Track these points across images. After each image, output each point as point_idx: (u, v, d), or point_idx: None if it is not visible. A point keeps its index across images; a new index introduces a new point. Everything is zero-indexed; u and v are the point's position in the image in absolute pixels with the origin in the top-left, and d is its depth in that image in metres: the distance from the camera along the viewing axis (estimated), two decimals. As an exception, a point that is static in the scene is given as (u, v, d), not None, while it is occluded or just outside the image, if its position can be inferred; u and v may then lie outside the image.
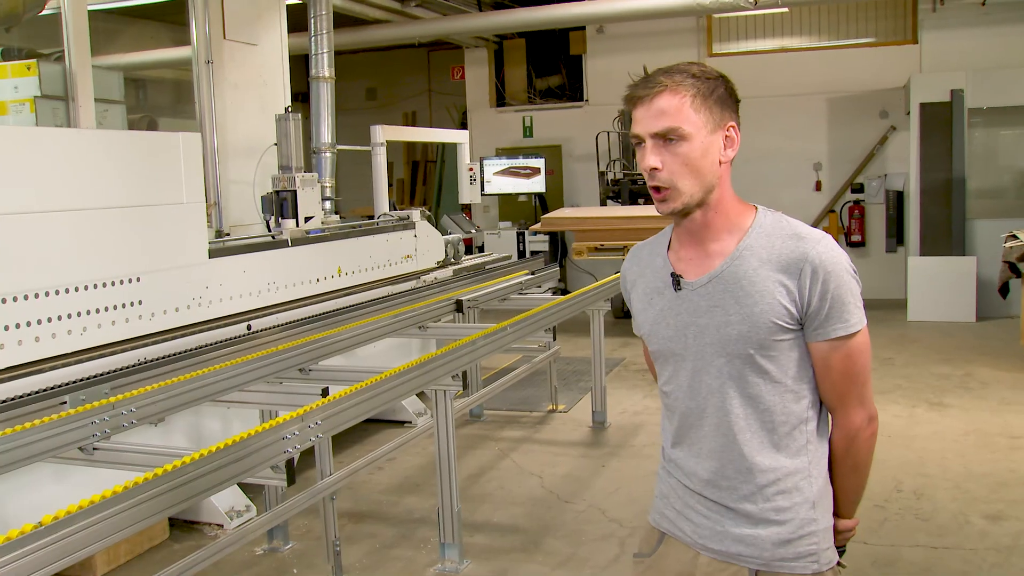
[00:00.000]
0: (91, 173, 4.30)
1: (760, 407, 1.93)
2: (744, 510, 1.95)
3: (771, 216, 1.97)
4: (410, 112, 16.69)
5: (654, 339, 2.06)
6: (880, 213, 11.74)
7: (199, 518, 4.89)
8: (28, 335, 3.94)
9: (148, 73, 11.35)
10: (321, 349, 4.55)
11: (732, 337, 1.91)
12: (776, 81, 11.85)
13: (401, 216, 7.17)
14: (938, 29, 11.25)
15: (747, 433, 1.93)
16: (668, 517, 2.09)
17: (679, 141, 1.87)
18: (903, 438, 6.05)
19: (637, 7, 10.38)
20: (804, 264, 1.86)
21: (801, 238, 1.90)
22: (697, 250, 1.98)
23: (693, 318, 1.96)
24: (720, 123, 1.90)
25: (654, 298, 2.05)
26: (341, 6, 9.94)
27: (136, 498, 2.45)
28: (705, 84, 1.89)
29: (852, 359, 1.92)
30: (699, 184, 1.89)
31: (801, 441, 1.95)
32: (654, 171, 1.89)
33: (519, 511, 5.06)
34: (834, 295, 1.86)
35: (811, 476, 1.96)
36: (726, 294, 1.92)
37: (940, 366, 8.08)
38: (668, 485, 2.10)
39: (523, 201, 12.83)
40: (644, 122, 1.89)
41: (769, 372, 1.92)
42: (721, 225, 1.95)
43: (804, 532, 1.94)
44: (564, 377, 8.01)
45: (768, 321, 1.88)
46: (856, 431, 1.98)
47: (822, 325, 1.88)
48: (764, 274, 1.89)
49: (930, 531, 4.61)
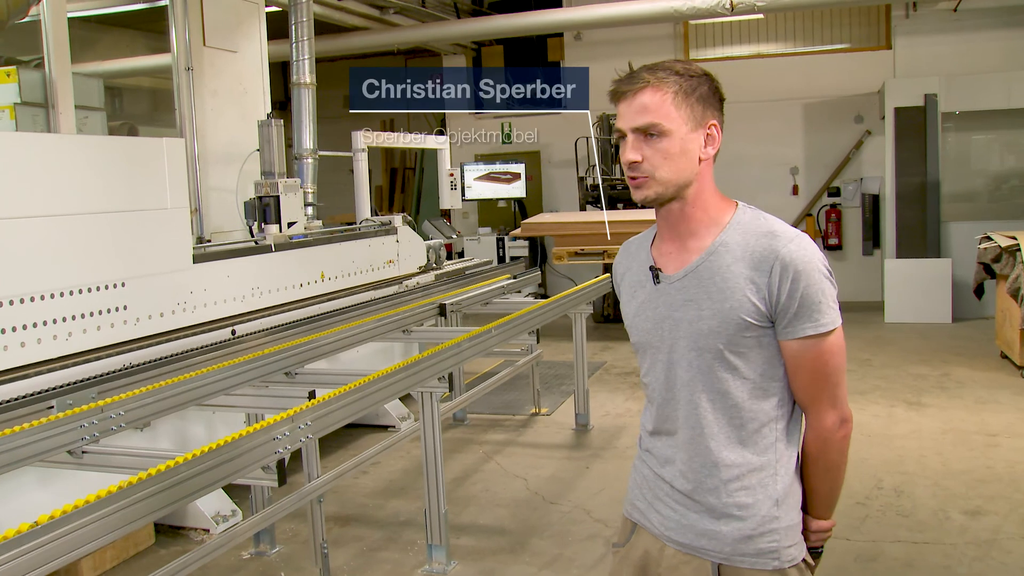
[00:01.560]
0: (75, 178, 4.30)
1: (728, 402, 1.95)
2: (708, 503, 1.98)
3: (750, 213, 2.00)
4: (388, 119, 16.71)
5: (634, 330, 2.09)
6: (856, 216, 11.87)
7: (185, 523, 4.88)
8: (14, 340, 3.93)
9: (128, 81, 11.31)
10: (306, 353, 4.56)
11: (703, 332, 1.94)
12: (752, 87, 11.93)
13: (383, 221, 7.19)
14: (911, 35, 11.40)
15: (714, 427, 1.96)
16: (639, 508, 2.12)
17: (659, 136, 1.91)
18: (882, 437, 6.13)
19: (614, 14, 10.45)
20: (774, 262, 1.89)
21: (775, 236, 1.92)
22: (677, 244, 2.02)
23: (669, 311, 2.00)
24: (701, 121, 1.93)
25: (637, 290, 2.09)
26: (320, 13, 9.95)
27: (127, 500, 2.45)
28: (688, 81, 1.92)
29: (823, 359, 1.93)
30: (676, 177, 1.93)
31: (769, 439, 1.97)
32: (634, 163, 1.92)
33: (505, 513, 5.09)
34: (804, 293, 1.88)
35: (776, 474, 1.97)
36: (700, 289, 1.95)
37: (917, 366, 8.18)
38: (641, 475, 2.13)
39: (503, 207, 12.86)
40: (626, 117, 1.93)
41: (738, 368, 1.94)
42: (700, 219, 1.98)
43: (765, 529, 1.96)
44: (546, 381, 8.05)
45: (737, 317, 1.91)
46: (828, 433, 1.98)
47: (791, 323, 1.90)
48: (736, 270, 1.92)
49: (911, 527, 4.68)
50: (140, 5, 8.23)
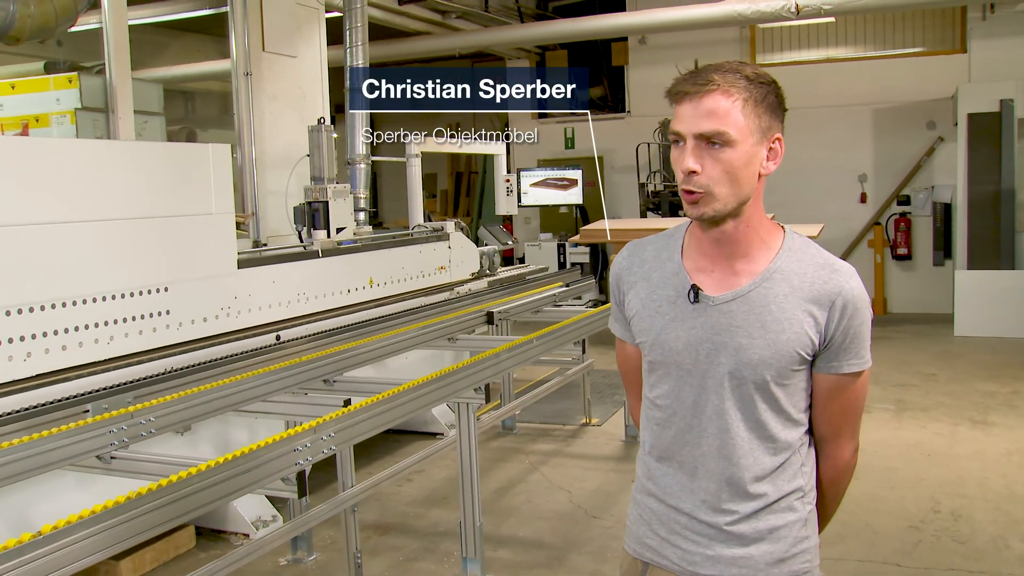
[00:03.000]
0: (120, 183, 4.35)
1: (764, 434, 1.86)
2: (738, 531, 1.88)
3: (799, 239, 1.90)
4: (454, 123, 16.76)
5: (658, 349, 1.94)
6: (927, 226, 11.51)
7: (226, 527, 4.90)
8: (55, 343, 3.98)
9: (199, 85, 11.53)
10: (346, 360, 4.54)
11: (752, 361, 1.83)
12: (821, 92, 11.70)
13: (435, 227, 7.17)
14: (987, 38, 11.02)
15: (749, 458, 1.86)
16: (650, 546, 1.99)
17: (723, 146, 1.76)
18: (943, 457, 5.89)
19: (678, 17, 10.31)
20: (837, 298, 1.81)
21: (835, 270, 1.84)
22: (721, 263, 1.88)
23: (709, 335, 1.86)
24: (767, 133, 1.80)
25: (663, 306, 1.93)
26: (381, 18, 10.01)
27: (140, 508, 2.46)
28: (758, 89, 1.79)
29: (856, 394, 1.89)
30: (735, 194, 1.79)
31: (797, 464, 1.90)
32: (691, 174, 1.79)
33: (545, 526, 5.01)
34: (856, 331, 1.83)
35: (805, 497, 1.91)
36: (751, 316, 1.83)
37: (986, 383, 7.88)
38: (648, 509, 1.99)
39: (564, 213, 12.78)
40: (689, 120, 1.78)
41: (779, 400, 1.85)
42: (751, 240, 1.86)
43: (798, 550, 1.89)
44: (599, 390, 7.95)
45: (792, 351, 1.82)
46: (846, 463, 1.96)
47: (836, 358, 1.84)
48: (794, 301, 1.82)
49: (966, 554, 4.47)
50: (202, 12, 8.39)
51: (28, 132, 6.28)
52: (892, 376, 8.17)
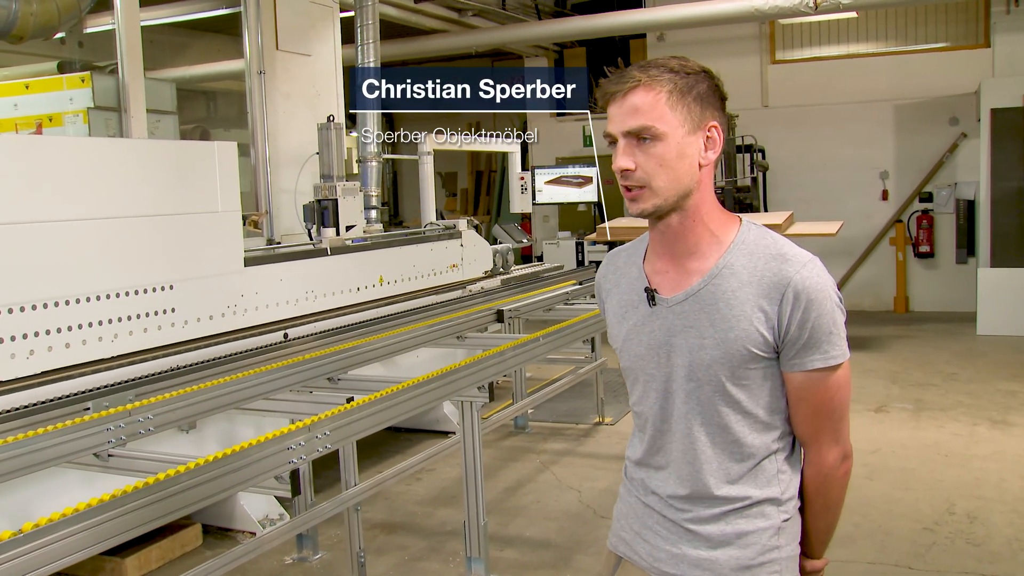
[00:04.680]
0: (125, 181, 4.35)
1: (728, 437, 1.81)
2: (704, 532, 1.83)
3: (755, 231, 1.82)
4: (474, 122, 16.74)
5: (625, 355, 1.93)
6: (950, 223, 11.34)
7: (232, 525, 4.90)
8: (58, 341, 3.99)
9: (216, 85, 11.57)
10: (351, 358, 4.52)
11: (704, 362, 1.78)
12: (842, 88, 11.59)
13: (447, 225, 7.15)
14: (1012, 32, 10.84)
15: (713, 463, 1.81)
16: (624, 539, 1.97)
17: (653, 141, 1.74)
18: (960, 457, 5.80)
19: (696, 13, 10.23)
20: (786, 289, 1.73)
21: (786, 259, 1.76)
22: (673, 263, 1.84)
23: (666, 337, 1.83)
24: (700, 122, 1.76)
25: (628, 311, 1.91)
26: (397, 16, 9.99)
27: (131, 504, 2.45)
28: (684, 80, 1.75)
29: (829, 394, 1.79)
30: (674, 187, 1.76)
31: (771, 471, 1.83)
32: (626, 171, 1.75)
33: (553, 526, 4.97)
34: (815, 324, 1.73)
35: (780, 504, 1.83)
36: (701, 315, 1.79)
37: (1008, 382, 7.75)
38: (627, 504, 1.98)
39: (583, 211, 12.71)
40: (616, 120, 1.76)
41: (740, 402, 1.79)
42: (700, 235, 1.81)
43: (766, 559, 1.82)
44: (613, 389, 7.88)
45: (743, 348, 1.75)
46: (829, 470, 1.85)
47: (799, 355, 1.76)
48: (743, 296, 1.76)
49: (981, 557, 4.38)
50: (216, 11, 8.40)
51: (42, 131, 6.32)
52: (913, 375, 8.06)
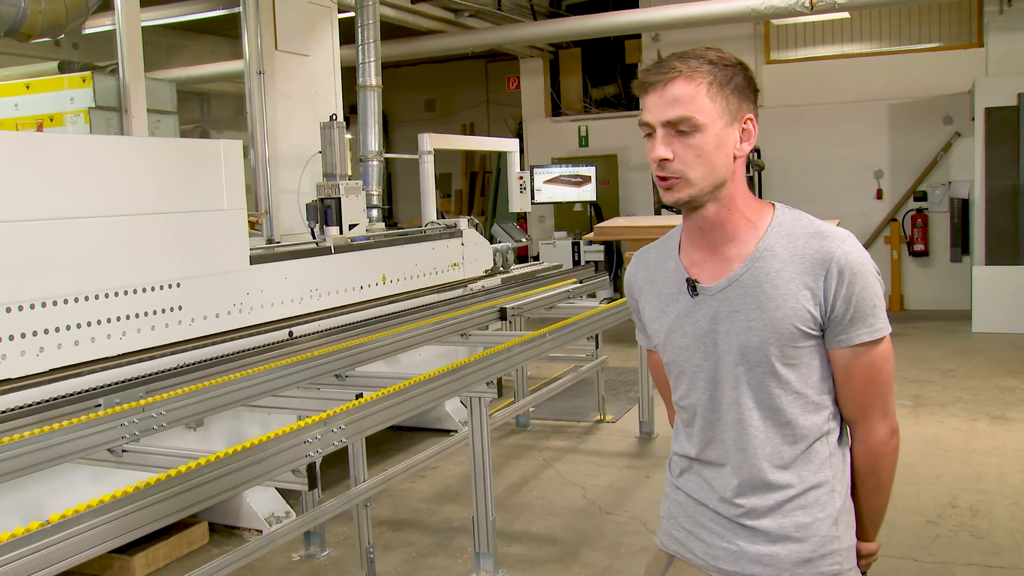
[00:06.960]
0: (132, 179, 4.36)
1: (781, 419, 1.82)
2: (762, 527, 1.83)
3: (790, 214, 1.85)
4: (468, 123, 16.75)
5: (669, 349, 1.93)
6: (944, 222, 11.41)
7: (239, 523, 4.91)
8: (67, 338, 3.99)
9: (215, 86, 11.57)
10: (357, 355, 4.54)
11: (753, 344, 1.79)
12: (836, 88, 11.65)
13: (448, 224, 7.16)
14: (1005, 31, 10.90)
15: (767, 447, 1.82)
16: (677, 538, 1.97)
17: (692, 132, 1.75)
18: (961, 452, 5.83)
19: (691, 14, 10.26)
20: (830, 264, 1.75)
21: (825, 236, 1.78)
22: (712, 252, 1.86)
23: (712, 325, 1.84)
24: (737, 114, 1.78)
25: (668, 305, 1.92)
26: (394, 17, 10.01)
27: (149, 498, 2.46)
28: (723, 71, 1.77)
29: (876, 367, 1.80)
30: (710, 177, 1.77)
31: (824, 454, 1.84)
32: (664, 162, 1.77)
33: (558, 522, 4.99)
34: (859, 298, 1.75)
35: (834, 491, 1.84)
36: (747, 298, 1.80)
37: (1005, 378, 7.80)
38: (676, 503, 1.98)
39: (579, 211, 12.75)
40: (655, 110, 1.77)
41: (790, 382, 1.80)
42: (737, 223, 1.83)
43: (827, 551, 1.82)
44: (614, 387, 7.91)
45: (791, 326, 1.77)
46: (880, 446, 1.86)
47: (846, 330, 1.77)
48: (787, 275, 1.77)
49: (985, 549, 4.42)
50: (215, 12, 8.41)
51: (43, 131, 6.31)
52: (910, 372, 8.10)
